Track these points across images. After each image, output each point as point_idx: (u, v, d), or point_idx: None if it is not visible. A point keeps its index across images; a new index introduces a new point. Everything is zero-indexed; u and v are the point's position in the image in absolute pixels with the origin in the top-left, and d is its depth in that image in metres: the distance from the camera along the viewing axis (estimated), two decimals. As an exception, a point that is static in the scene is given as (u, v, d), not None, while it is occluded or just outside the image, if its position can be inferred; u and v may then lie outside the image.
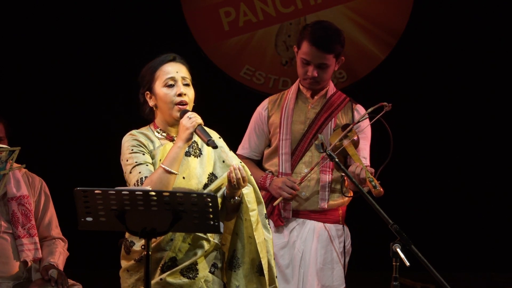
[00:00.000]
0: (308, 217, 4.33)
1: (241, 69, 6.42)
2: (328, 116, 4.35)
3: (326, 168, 4.31)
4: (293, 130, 4.35)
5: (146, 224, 3.19)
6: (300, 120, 4.37)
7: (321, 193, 4.30)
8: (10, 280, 4.54)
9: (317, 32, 4.29)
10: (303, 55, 4.29)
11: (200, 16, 6.40)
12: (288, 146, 4.33)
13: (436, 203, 6.35)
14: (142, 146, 3.52)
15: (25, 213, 4.59)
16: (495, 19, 6.28)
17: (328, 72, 4.31)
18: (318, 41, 4.25)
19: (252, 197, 3.50)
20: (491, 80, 6.32)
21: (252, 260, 3.51)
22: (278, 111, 4.40)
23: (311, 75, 4.27)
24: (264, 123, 4.43)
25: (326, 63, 4.27)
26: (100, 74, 6.33)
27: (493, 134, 6.33)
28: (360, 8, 6.36)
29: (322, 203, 4.30)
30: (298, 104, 4.39)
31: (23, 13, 6.31)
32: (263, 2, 6.40)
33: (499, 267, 6.31)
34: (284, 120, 4.35)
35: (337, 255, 4.31)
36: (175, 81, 3.53)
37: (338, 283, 4.31)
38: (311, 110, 4.37)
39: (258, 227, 3.50)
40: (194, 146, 3.56)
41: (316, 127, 4.33)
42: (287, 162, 4.31)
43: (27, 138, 5.12)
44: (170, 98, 3.51)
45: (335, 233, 4.34)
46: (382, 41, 6.36)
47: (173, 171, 3.40)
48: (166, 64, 3.57)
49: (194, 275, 3.49)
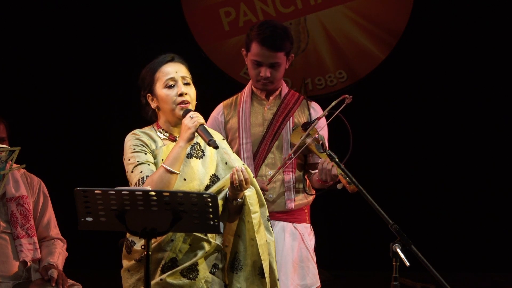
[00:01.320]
0: (276, 218, 4.31)
1: (241, 69, 6.42)
2: (286, 116, 4.32)
3: (289, 168, 4.29)
4: (253, 133, 4.31)
5: (146, 224, 3.19)
6: (258, 122, 4.33)
7: (286, 193, 4.29)
8: (10, 280, 4.54)
9: (265, 32, 4.22)
10: (253, 57, 4.25)
11: (200, 16, 6.40)
12: (249, 149, 4.30)
13: (436, 203, 6.35)
14: (144, 146, 3.52)
15: (24, 213, 4.59)
16: (495, 19, 6.29)
17: (280, 71, 4.28)
18: (267, 41, 4.20)
19: (255, 199, 3.50)
20: (491, 80, 6.33)
21: (254, 263, 3.50)
22: (235, 115, 4.35)
23: (264, 76, 4.23)
24: (222, 128, 4.38)
25: (277, 62, 4.24)
26: (100, 74, 6.34)
27: (493, 134, 6.33)
28: (360, 8, 6.36)
29: (289, 204, 4.29)
30: (254, 107, 4.36)
31: (23, 14, 6.31)
32: (263, 2, 6.40)
33: (499, 267, 6.32)
34: (243, 123, 4.31)
35: (309, 253, 4.31)
36: (175, 81, 3.52)
37: (312, 281, 4.31)
38: (267, 111, 4.34)
39: (260, 230, 3.49)
40: (196, 147, 3.55)
41: (275, 128, 4.30)
42: (250, 165, 4.29)
43: (27, 138, 5.12)
44: (172, 98, 3.50)
45: (304, 231, 4.33)
46: (382, 41, 6.36)
47: (174, 171, 3.40)
48: (165, 65, 3.56)
49: (194, 275, 3.49)
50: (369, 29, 6.36)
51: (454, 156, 6.37)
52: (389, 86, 6.36)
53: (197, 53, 6.33)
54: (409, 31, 6.33)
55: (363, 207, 4.23)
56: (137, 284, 3.53)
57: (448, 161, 6.37)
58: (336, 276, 6.19)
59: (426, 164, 6.37)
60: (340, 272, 5.11)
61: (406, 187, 6.30)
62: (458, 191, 6.34)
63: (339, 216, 6.05)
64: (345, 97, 4.08)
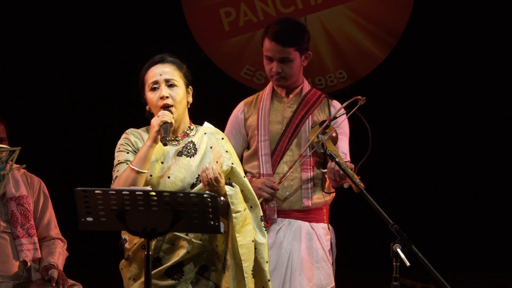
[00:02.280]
0: (294, 216, 4.32)
1: (241, 69, 6.42)
2: (305, 114, 4.34)
3: (307, 166, 4.29)
4: (271, 131, 4.33)
5: (146, 224, 3.19)
6: (277, 120, 4.35)
7: (304, 191, 4.30)
8: (10, 280, 4.54)
9: (276, 27, 4.30)
10: (265, 52, 4.32)
11: (200, 16, 6.40)
12: (267, 147, 4.32)
13: (436, 203, 6.35)
14: (129, 145, 3.55)
15: (24, 213, 4.59)
16: (495, 19, 6.29)
17: (293, 67, 4.30)
18: (277, 36, 4.26)
19: (237, 198, 3.48)
20: (491, 79, 6.33)
21: (241, 262, 3.49)
22: (255, 113, 4.39)
23: (275, 71, 4.28)
24: (242, 126, 4.42)
25: (288, 57, 4.27)
26: (100, 74, 6.34)
27: (493, 134, 6.33)
28: (360, 8, 6.36)
29: (306, 202, 4.29)
30: (274, 104, 4.39)
31: (23, 14, 6.31)
32: (263, 2, 6.40)
33: (499, 267, 6.32)
34: (261, 121, 4.34)
35: (325, 253, 4.31)
36: (158, 83, 3.55)
37: (326, 282, 4.31)
38: (287, 109, 4.36)
39: (244, 230, 3.46)
40: (189, 146, 3.56)
41: (293, 125, 4.32)
42: (268, 163, 4.30)
43: (27, 138, 5.12)
44: (155, 102, 3.55)
45: (321, 231, 4.33)
46: (382, 41, 6.37)
47: (141, 170, 3.42)
48: (152, 67, 3.60)
49: (179, 276, 3.49)
50: (369, 29, 6.36)
51: (454, 156, 6.37)
52: (389, 86, 6.36)
53: (197, 53, 6.33)
54: (409, 31, 6.32)
55: (364, 207, 4.23)
56: (129, 283, 3.55)
57: (448, 161, 6.37)
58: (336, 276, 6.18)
59: (426, 164, 6.37)
60: (340, 272, 5.08)
61: (406, 187, 6.30)
62: (458, 191, 6.34)
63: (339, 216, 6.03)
64: (358, 98, 4.11)
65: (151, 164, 3.49)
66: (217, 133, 3.64)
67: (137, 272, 3.52)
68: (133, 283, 3.52)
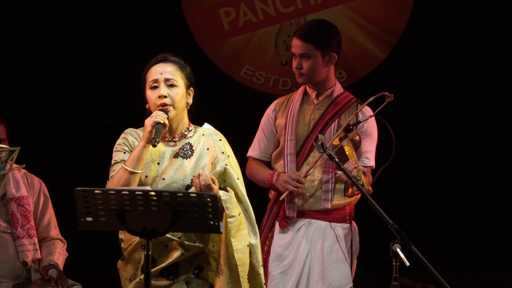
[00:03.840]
0: (314, 216, 4.34)
1: (241, 69, 6.42)
2: (332, 117, 4.36)
3: (329, 169, 4.32)
4: (298, 131, 4.38)
5: (146, 224, 3.19)
6: (305, 121, 4.39)
7: (323, 193, 4.31)
8: (10, 280, 4.54)
9: (303, 26, 4.43)
10: (291, 49, 4.37)
11: (200, 16, 6.40)
12: (293, 147, 4.36)
13: (436, 203, 6.35)
14: (126, 145, 3.56)
15: (24, 213, 4.59)
16: (495, 19, 6.28)
17: (313, 65, 4.33)
18: (300, 32, 4.36)
19: (232, 203, 3.48)
20: (491, 79, 6.32)
21: (235, 267, 3.48)
22: (285, 113, 4.44)
23: (295, 67, 4.34)
24: (272, 124, 4.48)
25: (306, 53, 4.32)
26: (100, 74, 6.34)
27: (493, 134, 6.33)
28: (360, 8, 6.36)
29: (325, 204, 4.31)
30: (304, 106, 4.43)
31: (23, 14, 6.31)
32: (263, 2, 6.40)
33: (499, 267, 6.32)
34: (290, 121, 4.39)
35: (343, 254, 4.32)
36: (158, 82, 3.55)
37: (344, 282, 4.32)
38: (316, 111, 4.40)
39: (239, 234, 3.47)
40: (186, 147, 3.56)
41: (319, 127, 4.35)
42: (292, 163, 4.34)
43: (27, 138, 5.12)
44: (153, 101, 3.55)
45: (341, 232, 4.34)
46: (382, 41, 6.36)
47: (134, 171, 3.42)
48: (154, 66, 3.60)
49: (174, 276, 3.49)
50: (369, 29, 6.36)
51: (454, 156, 6.37)
52: (389, 86, 6.34)
53: (197, 53, 6.33)
54: (409, 31, 6.32)
55: (363, 207, 4.23)
56: (125, 283, 3.55)
57: (448, 161, 6.37)
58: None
59: (426, 164, 6.37)
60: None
61: (406, 187, 6.30)
62: (458, 191, 6.33)
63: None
64: (385, 94, 4.16)
65: (147, 164, 3.49)
66: (215, 134, 3.63)
67: (132, 273, 3.52)
68: (129, 283, 3.53)
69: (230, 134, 3.88)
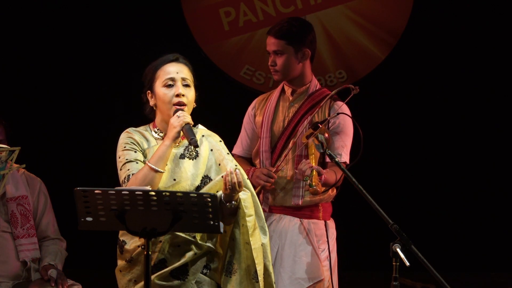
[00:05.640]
0: (285, 212, 4.36)
1: (241, 69, 6.42)
2: (305, 114, 4.37)
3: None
4: (273, 128, 4.41)
5: (146, 224, 3.19)
6: (280, 118, 4.42)
7: (294, 190, 4.34)
8: (10, 280, 4.55)
9: (276, 23, 4.45)
10: (266, 47, 4.43)
11: (200, 16, 6.40)
12: (267, 144, 4.39)
13: (436, 203, 6.35)
14: (135, 144, 3.53)
15: (24, 213, 4.60)
16: (495, 19, 6.28)
17: (286, 61, 4.36)
18: (273, 30, 4.40)
19: (250, 202, 3.48)
20: (491, 79, 6.32)
21: (248, 267, 3.48)
22: (263, 110, 4.47)
23: (270, 64, 4.38)
24: (252, 122, 4.51)
25: (279, 49, 4.36)
26: (100, 74, 6.33)
27: (493, 134, 6.33)
28: (360, 8, 6.36)
29: (296, 200, 4.33)
30: (280, 103, 4.46)
31: (23, 14, 6.31)
32: (263, 2, 6.40)
33: (499, 267, 6.31)
34: (266, 118, 4.43)
35: (313, 248, 4.32)
36: (175, 81, 3.54)
37: (313, 276, 4.32)
38: (290, 107, 4.41)
39: (255, 233, 3.48)
40: (190, 148, 3.56)
41: (292, 124, 4.38)
42: (267, 159, 4.37)
43: (27, 138, 5.12)
44: (169, 98, 3.52)
45: (312, 226, 4.35)
46: (382, 41, 6.36)
47: (158, 169, 3.41)
48: (167, 64, 3.58)
49: (184, 276, 3.48)
50: (369, 29, 6.36)
51: (454, 156, 6.37)
52: (389, 86, 6.36)
53: (197, 53, 6.33)
54: (409, 31, 6.32)
55: (363, 207, 4.23)
56: (128, 285, 3.54)
57: (448, 161, 6.37)
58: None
59: (426, 164, 6.36)
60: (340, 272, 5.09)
61: (406, 187, 6.30)
62: (458, 191, 6.33)
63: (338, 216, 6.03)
64: (350, 87, 4.16)
65: None
66: (214, 136, 3.64)
67: (139, 274, 3.50)
68: (133, 285, 3.51)
69: (230, 134, 3.89)
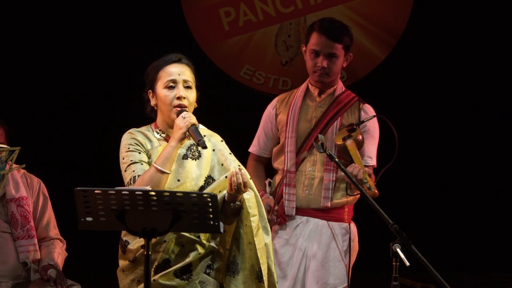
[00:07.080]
0: (312, 215, 4.35)
1: (241, 69, 6.42)
2: (334, 115, 4.37)
3: (330, 167, 4.32)
4: (299, 128, 4.38)
5: (146, 224, 3.19)
6: (307, 118, 4.40)
7: (324, 191, 4.32)
8: (9, 280, 4.54)
9: (325, 23, 4.41)
10: (312, 46, 4.35)
11: (200, 16, 6.39)
12: (293, 144, 4.36)
13: (436, 203, 6.35)
14: (139, 145, 3.52)
15: (24, 214, 4.60)
16: (495, 19, 6.28)
17: (337, 64, 4.35)
18: (327, 30, 4.35)
19: (253, 202, 3.48)
20: (491, 80, 6.32)
21: (251, 266, 3.48)
22: (286, 110, 4.44)
23: (321, 65, 4.32)
24: (273, 121, 4.48)
25: (335, 53, 4.33)
26: (100, 74, 6.33)
27: (493, 135, 6.33)
28: (360, 8, 6.36)
29: (325, 202, 4.31)
30: (306, 103, 4.43)
31: (23, 14, 6.31)
32: (263, 2, 6.40)
33: (499, 267, 6.31)
34: (291, 118, 4.39)
35: (340, 253, 4.32)
36: (176, 83, 3.53)
37: (339, 281, 4.32)
38: (318, 108, 4.40)
39: (259, 233, 3.48)
40: (193, 148, 3.55)
41: (321, 125, 4.35)
42: (292, 160, 4.35)
43: (27, 138, 5.12)
44: (169, 100, 3.51)
45: (338, 231, 4.34)
46: (382, 41, 6.36)
47: (165, 171, 3.40)
48: (170, 65, 3.57)
49: (188, 276, 3.48)
50: (369, 29, 6.36)
51: (454, 156, 6.37)
52: (388, 86, 6.36)
53: (197, 53, 6.32)
54: (409, 31, 6.32)
55: (363, 207, 4.23)
56: (131, 285, 3.53)
57: (448, 161, 6.37)
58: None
59: (426, 164, 6.36)
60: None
61: (406, 187, 6.30)
62: (458, 191, 6.33)
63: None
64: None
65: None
66: (216, 136, 3.64)
67: (143, 274, 3.49)
68: (137, 285, 3.51)
69: (230, 134, 3.88)
